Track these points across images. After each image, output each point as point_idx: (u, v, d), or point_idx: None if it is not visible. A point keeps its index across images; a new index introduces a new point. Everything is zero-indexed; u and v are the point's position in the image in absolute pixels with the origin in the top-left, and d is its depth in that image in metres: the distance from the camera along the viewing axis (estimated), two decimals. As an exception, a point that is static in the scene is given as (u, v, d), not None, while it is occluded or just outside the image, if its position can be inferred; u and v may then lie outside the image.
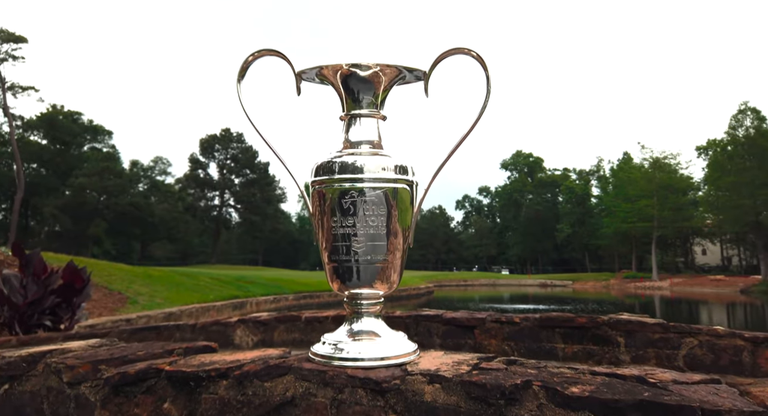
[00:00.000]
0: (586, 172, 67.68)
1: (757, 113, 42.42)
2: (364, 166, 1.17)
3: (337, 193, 1.17)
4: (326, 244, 1.20)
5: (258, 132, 1.25)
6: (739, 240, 51.03)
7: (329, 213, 1.18)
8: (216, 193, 68.35)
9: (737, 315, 23.50)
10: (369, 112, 1.25)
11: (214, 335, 3.42)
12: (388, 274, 1.20)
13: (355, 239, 1.16)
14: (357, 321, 1.21)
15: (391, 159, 1.21)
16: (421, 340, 3.05)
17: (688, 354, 2.38)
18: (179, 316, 11.97)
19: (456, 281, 52.11)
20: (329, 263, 1.21)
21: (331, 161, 1.20)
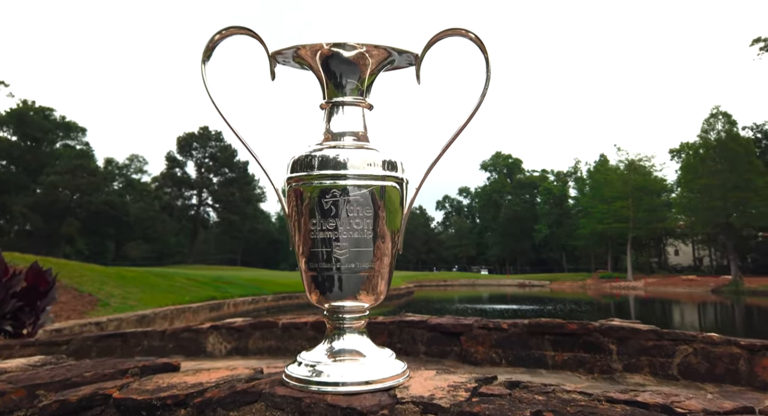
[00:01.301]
0: (564, 174, 68.68)
1: (728, 117, 43.58)
2: (347, 161, 1.02)
3: (316, 191, 1.02)
4: (304, 250, 1.05)
5: (225, 119, 1.09)
6: (710, 241, 52.37)
7: (307, 215, 1.03)
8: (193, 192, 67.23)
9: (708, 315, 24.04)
10: (353, 99, 1.10)
11: (185, 342, 3.22)
12: (374, 284, 1.05)
13: (336, 244, 1.01)
14: (338, 338, 1.06)
15: (378, 153, 1.06)
16: (405, 348, 2.91)
17: (683, 363, 2.30)
18: (153, 319, 11.60)
19: (436, 281, 52.27)
20: (307, 271, 1.05)
21: (310, 155, 1.04)
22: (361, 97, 1.10)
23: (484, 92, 1.08)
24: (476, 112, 1.09)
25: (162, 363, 1.25)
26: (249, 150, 1.12)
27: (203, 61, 1.08)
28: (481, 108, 1.09)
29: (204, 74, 1.08)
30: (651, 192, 49.10)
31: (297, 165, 1.05)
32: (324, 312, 1.08)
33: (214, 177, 67.10)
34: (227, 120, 1.10)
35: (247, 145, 1.11)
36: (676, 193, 50.31)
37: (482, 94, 1.08)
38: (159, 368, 1.24)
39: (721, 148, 41.43)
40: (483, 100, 1.08)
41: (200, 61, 1.08)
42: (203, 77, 1.08)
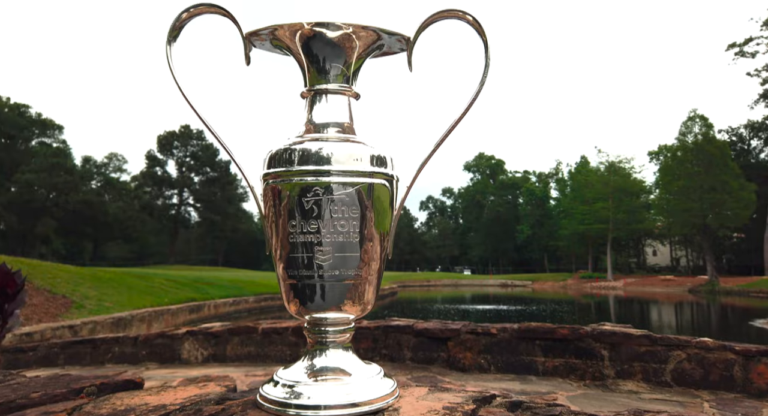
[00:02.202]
0: (546, 175, 69.44)
1: (705, 120, 44.52)
2: (331, 156, 0.91)
3: (296, 189, 0.91)
4: (282, 255, 0.93)
5: (192, 107, 0.97)
6: (687, 241, 53.45)
7: (286, 216, 0.91)
8: (174, 191, 66.26)
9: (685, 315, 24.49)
10: (338, 87, 0.99)
11: (159, 349, 3.07)
12: (361, 293, 0.94)
13: (319, 248, 0.90)
14: (320, 354, 0.95)
15: (365, 147, 0.95)
16: (391, 354, 2.81)
17: (676, 369, 2.23)
18: (130, 321, 11.29)
19: (419, 281, 52.38)
20: (285, 279, 0.94)
21: (289, 148, 0.93)
22: (347, 84, 0.99)
23: (483, 80, 0.98)
24: (474, 103, 0.99)
25: (123, 381, 1.12)
26: (220, 141, 1.00)
27: (168, 41, 0.96)
28: (479, 98, 0.99)
29: (169, 56, 0.96)
30: (630, 193, 49.92)
31: (274, 159, 0.94)
32: (304, 325, 0.96)
33: (196, 176, 66.25)
34: (195, 107, 0.98)
35: (218, 136, 0.99)
36: (654, 195, 51.25)
37: (481, 82, 0.98)
38: (119, 386, 1.11)
39: (698, 150, 42.30)
40: (481, 89, 0.98)
41: (165, 42, 0.96)
42: (168, 60, 0.96)
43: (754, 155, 53.54)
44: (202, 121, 0.98)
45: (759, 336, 14.64)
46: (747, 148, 54.07)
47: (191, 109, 0.97)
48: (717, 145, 43.01)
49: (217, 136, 0.99)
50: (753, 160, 52.40)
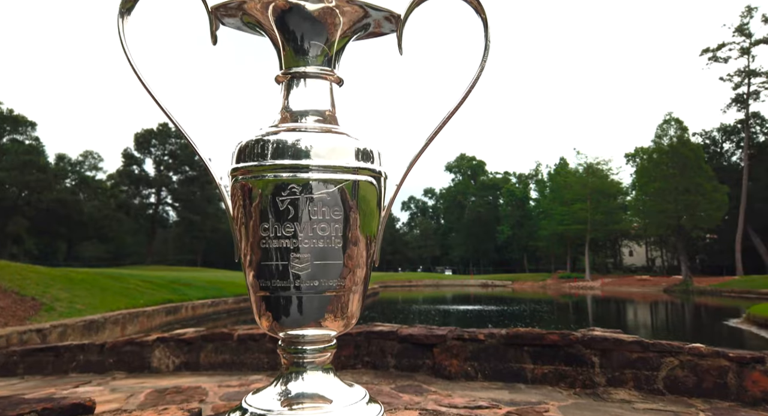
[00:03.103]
0: (526, 176, 70.24)
1: (680, 123, 45.54)
2: (310, 149, 0.79)
3: (269, 187, 0.78)
4: (252, 262, 0.81)
5: (144, 84, 0.84)
6: (662, 242, 54.63)
7: (257, 217, 0.79)
8: (152, 190, 65.10)
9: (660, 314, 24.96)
10: (319, 70, 0.86)
11: (127, 356, 2.89)
12: (344, 305, 0.83)
13: (295, 255, 0.78)
14: (296, 377, 0.82)
15: (350, 139, 0.83)
16: (374, 361, 2.69)
17: (669, 376, 2.17)
18: (103, 324, 10.94)
19: (401, 282, 52.45)
20: (257, 290, 0.82)
21: (262, 140, 0.80)
22: (329, 67, 0.87)
23: (482, 65, 0.87)
24: (472, 90, 0.88)
25: (70, 405, 0.98)
26: (179, 127, 0.87)
27: (121, 13, 0.83)
28: (478, 85, 0.88)
29: (121, 31, 0.83)
30: (608, 194, 50.81)
31: (244, 153, 0.82)
32: (279, 343, 0.84)
33: (174, 175, 65.17)
34: (149, 88, 0.84)
35: (175, 120, 0.86)
36: (631, 196, 52.23)
37: (480, 67, 0.87)
38: (66, 411, 0.97)
39: (673, 153, 43.24)
40: (480, 75, 0.87)
41: (117, 14, 0.83)
42: (120, 35, 0.83)
43: (726, 158, 55.01)
44: (157, 103, 0.85)
45: (731, 334, 14.95)
46: (720, 151, 55.52)
47: (145, 89, 0.84)
48: (691, 147, 44.03)
49: (174, 120, 0.86)
50: (725, 162, 53.83)
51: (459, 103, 0.88)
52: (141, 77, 0.83)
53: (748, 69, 46.63)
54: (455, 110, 0.89)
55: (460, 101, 0.88)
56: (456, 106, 0.89)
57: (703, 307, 27.34)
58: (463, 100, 0.88)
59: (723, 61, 47.64)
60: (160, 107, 0.85)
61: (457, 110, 0.89)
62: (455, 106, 0.88)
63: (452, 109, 0.88)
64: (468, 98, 0.89)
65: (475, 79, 0.87)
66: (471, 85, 0.88)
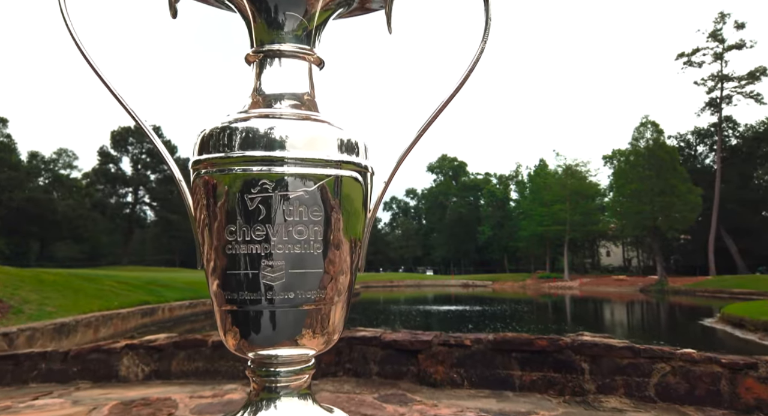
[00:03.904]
0: (506, 177, 70.89)
1: (656, 126, 46.49)
2: (285, 139, 0.68)
3: (237, 183, 0.67)
4: (216, 271, 0.69)
5: (87, 59, 0.72)
6: (638, 243, 55.72)
7: (223, 218, 0.68)
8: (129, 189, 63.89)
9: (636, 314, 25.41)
10: (296, 48, 0.75)
11: (93, 365, 2.72)
12: (324, 320, 0.72)
13: (267, 263, 0.66)
14: (268, 405, 0.70)
15: (332, 128, 0.72)
16: (356, 368, 2.57)
17: (660, 383, 2.11)
18: (74, 327, 10.58)
19: (382, 282, 52.41)
20: (222, 304, 0.70)
21: (229, 128, 0.69)
22: (308, 45, 0.76)
23: (482, 46, 0.77)
24: (470, 74, 0.77)
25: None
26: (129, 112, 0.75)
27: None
28: (477, 69, 0.78)
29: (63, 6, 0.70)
30: (586, 196, 51.62)
31: (209, 143, 0.70)
32: (248, 364, 0.72)
33: (152, 174, 64.06)
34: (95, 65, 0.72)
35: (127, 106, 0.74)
36: (608, 198, 53.13)
37: (480, 48, 0.77)
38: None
39: (650, 155, 44.11)
40: (480, 57, 0.77)
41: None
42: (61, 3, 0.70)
43: (699, 160, 56.40)
44: (104, 82, 0.73)
45: (707, 334, 15.24)
46: (694, 154, 56.89)
47: (88, 65, 0.71)
48: (667, 150, 44.99)
49: (123, 102, 0.74)
50: (699, 165, 55.17)
51: (456, 88, 0.78)
52: (84, 51, 0.71)
53: (721, 73, 47.88)
54: (451, 97, 0.78)
55: (457, 87, 0.78)
56: (452, 92, 0.78)
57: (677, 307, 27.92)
58: (460, 86, 0.78)
59: (697, 66, 48.84)
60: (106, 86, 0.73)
61: (453, 97, 0.79)
62: (451, 93, 0.78)
63: (448, 95, 0.78)
64: (466, 84, 0.79)
65: (474, 61, 0.77)
66: (469, 68, 0.77)
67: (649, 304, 30.59)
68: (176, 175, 0.77)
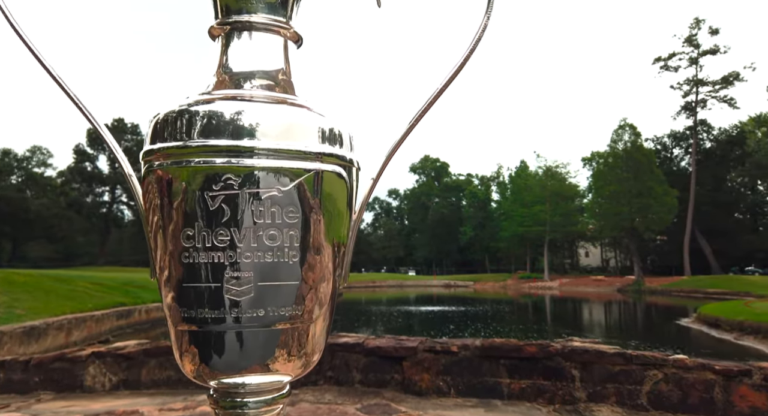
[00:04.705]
0: (488, 178, 71.44)
1: (634, 129, 47.35)
2: (256, 126, 0.57)
3: (197, 178, 0.56)
4: (172, 284, 0.58)
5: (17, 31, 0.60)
6: (616, 243, 56.68)
7: (179, 220, 0.56)
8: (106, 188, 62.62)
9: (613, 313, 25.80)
10: (269, 20, 0.64)
11: (56, 374, 2.55)
12: (302, 340, 0.61)
13: (233, 275, 0.55)
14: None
15: (312, 114, 0.61)
16: (337, 376, 2.46)
17: (653, 391, 2.04)
18: (44, 330, 10.20)
19: (365, 282, 52.29)
20: (178, 323, 0.58)
21: (188, 111, 0.57)
22: (283, 18, 0.65)
23: (485, 22, 0.66)
24: (471, 55, 0.67)
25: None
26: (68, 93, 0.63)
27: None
28: (479, 49, 0.68)
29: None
30: (566, 197, 52.33)
31: (163, 129, 0.58)
32: (209, 393, 0.61)
33: (130, 172, 62.96)
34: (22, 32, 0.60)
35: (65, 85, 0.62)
36: (587, 199, 53.94)
37: (483, 25, 0.66)
38: None
39: (628, 157, 44.90)
40: (482, 36, 0.67)
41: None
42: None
43: (675, 163, 57.68)
44: (34, 54, 0.61)
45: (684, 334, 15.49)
46: (670, 156, 58.14)
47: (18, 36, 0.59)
48: (644, 152, 45.86)
49: (61, 82, 0.62)
50: (675, 167, 56.41)
51: (454, 72, 0.68)
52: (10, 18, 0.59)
53: (696, 78, 49.02)
54: (449, 82, 0.68)
55: (455, 70, 0.68)
56: (450, 76, 0.68)
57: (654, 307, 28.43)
58: (459, 69, 0.68)
59: (673, 70, 49.93)
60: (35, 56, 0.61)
61: (451, 82, 0.69)
62: (449, 77, 0.68)
63: (445, 80, 0.68)
64: (465, 67, 0.69)
65: (476, 40, 0.67)
66: (470, 48, 0.67)
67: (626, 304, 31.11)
68: (125, 169, 0.65)
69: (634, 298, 34.35)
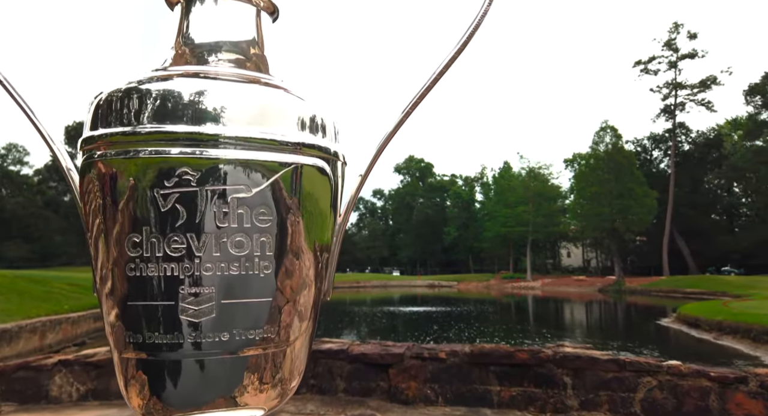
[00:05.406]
0: (472, 179, 71.83)
1: (615, 131, 48.06)
2: (221, 110, 0.47)
3: (148, 172, 0.45)
4: (115, 300, 0.48)
5: None
6: (597, 244, 57.45)
7: (125, 224, 0.46)
8: (83, 186, 61.29)
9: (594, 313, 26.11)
10: (238, -16, 0.54)
11: (19, 384, 2.39)
12: (277, 367, 0.51)
13: (190, 291, 0.45)
14: None
15: (289, 97, 0.51)
16: (320, 384, 2.35)
17: (647, 398, 1.98)
18: (17, 333, 9.87)
19: (349, 282, 52.17)
20: (123, 350, 0.48)
21: (137, 90, 0.47)
22: (255, -16, 0.55)
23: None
24: (475, 32, 0.58)
25: None
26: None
27: None
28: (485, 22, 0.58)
29: None
30: (548, 198, 52.91)
31: (107, 112, 0.48)
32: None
33: (109, 171, 61.90)
34: None
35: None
36: (569, 200, 54.60)
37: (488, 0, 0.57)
38: None
39: (609, 159, 45.56)
40: (489, 9, 0.58)
41: None
42: None
43: (655, 165, 58.70)
44: None
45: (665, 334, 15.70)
46: (649, 158, 59.15)
47: None
48: (625, 154, 46.60)
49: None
50: (654, 169, 57.41)
51: (454, 54, 0.58)
52: None
53: (675, 81, 49.96)
54: (447, 66, 0.59)
55: (455, 52, 0.58)
56: (449, 59, 0.58)
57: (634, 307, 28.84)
58: (459, 51, 0.58)
59: (653, 74, 50.83)
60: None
61: (449, 66, 0.59)
62: (448, 60, 0.58)
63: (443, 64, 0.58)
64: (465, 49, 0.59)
65: (480, 17, 0.57)
66: (473, 27, 0.58)
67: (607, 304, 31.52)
68: (63, 162, 0.55)
69: (615, 298, 34.83)
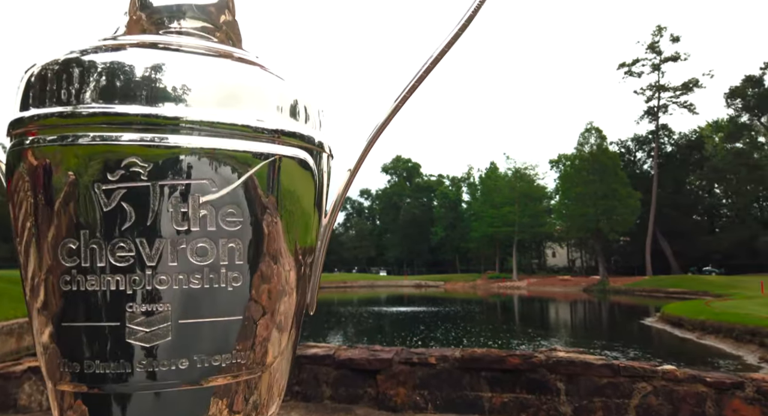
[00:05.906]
0: (459, 179, 72.09)
1: (599, 132, 48.60)
2: (184, 88, 0.38)
3: (91, 163, 0.37)
4: (48, 320, 0.39)
5: None
6: (581, 244, 58.05)
7: (60, 226, 0.37)
8: (64, 184, 60.11)
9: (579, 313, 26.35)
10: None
11: (-14, 393, 2.27)
12: (249, 396, 0.42)
13: (141, 309, 0.37)
14: None
15: (265, 74, 0.43)
16: (305, 391, 2.27)
17: (642, 404, 1.92)
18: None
19: (336, 283, 52.01)
20: (58, 381, 0.40)
21: (78, 62, 0.38)
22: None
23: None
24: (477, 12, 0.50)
25: None
26: None
27: None
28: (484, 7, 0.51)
29: None
30: (534, 198, 53.33)
31: (40, 89, 0.39)
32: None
33: (90, 169, 60.74)
34: None
35: None
36: (555, 200, 55.09)
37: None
38: None
39: (594, 160, 46.06)
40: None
41: None
42: None
43: (638, 166, 59.50)
44: None
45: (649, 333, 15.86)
46: (633, 160, 59.94)
47: None
48: (609, 155, 47.15)
49: None
50: (638, 170, 58.18)
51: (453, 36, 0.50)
52: None
53: (658, 84, 50.69)
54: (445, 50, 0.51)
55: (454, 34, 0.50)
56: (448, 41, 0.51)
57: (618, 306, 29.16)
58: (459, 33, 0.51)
59: (637, 76, 51.50)
60: None
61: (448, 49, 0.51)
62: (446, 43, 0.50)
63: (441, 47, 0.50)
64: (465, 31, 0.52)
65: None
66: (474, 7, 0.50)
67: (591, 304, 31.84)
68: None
69: (599, 298, 35.22)
